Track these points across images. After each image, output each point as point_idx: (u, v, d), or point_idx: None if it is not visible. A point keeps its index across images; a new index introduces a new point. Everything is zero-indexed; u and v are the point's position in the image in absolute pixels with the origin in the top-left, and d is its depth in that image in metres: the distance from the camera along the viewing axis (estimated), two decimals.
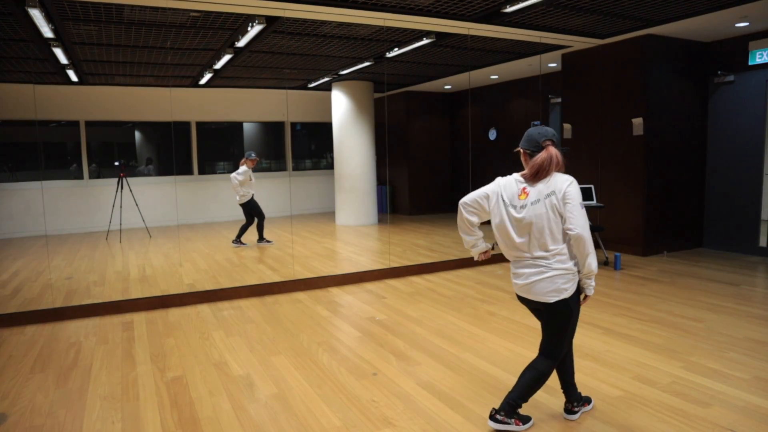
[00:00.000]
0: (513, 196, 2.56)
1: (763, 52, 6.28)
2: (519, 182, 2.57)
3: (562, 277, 2.47)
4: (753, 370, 3.29)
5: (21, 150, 10.20)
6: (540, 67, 8.38)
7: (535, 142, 2.56)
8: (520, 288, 2.60)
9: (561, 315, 2.52)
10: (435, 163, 11.83)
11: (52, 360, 3.76)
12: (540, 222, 2.47)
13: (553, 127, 9.26)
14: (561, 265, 2.47)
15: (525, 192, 2.53)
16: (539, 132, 2.57)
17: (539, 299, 2.52)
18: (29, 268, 6.81)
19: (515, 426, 2.59)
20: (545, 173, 2.50)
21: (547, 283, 2.48)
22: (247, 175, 7.83)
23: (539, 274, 2.50)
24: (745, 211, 6.70)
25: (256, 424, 2.78)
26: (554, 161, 2.49)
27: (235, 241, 8.13)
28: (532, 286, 2.52)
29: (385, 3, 5.11)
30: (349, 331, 4.25)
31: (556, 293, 2.48)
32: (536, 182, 2.51)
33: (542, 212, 2.46)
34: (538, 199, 2.48)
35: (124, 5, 4.86)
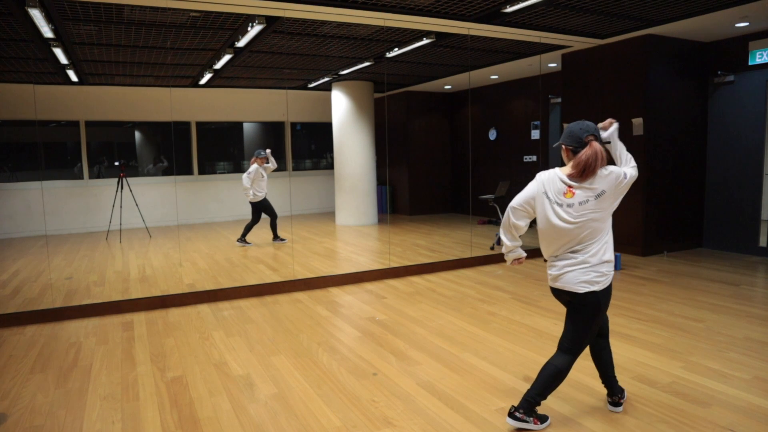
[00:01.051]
0: (558, 193, 2.53)
1: (763, 52, 6.28)
2: (564, 180, 2.53)
3: (595, 270, 2.48)
4: (753, 370, 3.29)
5: (21, 150, 10.21)
6: (540, 67, 8.38)
7: (578, 137, 2.52)
8: (553, 278, 2.59)
9: (589, 307, 2.51)
10: (435, 163, 11.83)
11: (52, 360, 3.76)
12: (586, 221, 2.47)
13: (553, 127, 9.27)
14: (597, 260, 2.48)
15: (572, 191, 2.50)
16: (581, 127, 2.54)
17: (569, 288, 2.51)
18: (29, 268, 6.81)
19: (533, 425, 2.59)
20: (592, 171, 2.47)
21: (580, 274, 2.49)
22: (258, 173, 7.84)
23: (573, 265, 2.50)
24: (745, 211, 6.70)
25: (256, 424, 2.78)
26: (599, 157, 2.47)
27: (240, 239, 8.15)
28: (564, 275, 2.52)
29: (385, 3, 5.11)
30: (349, 331, 4.25)
31: (588, 284, 2.48)
32: (583, 181, 2.49)
33: (589, 212, 2.46)
34: (587, 199, 2.47)
35: (124, 5, 4.86)
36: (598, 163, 2.47)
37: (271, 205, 8.08)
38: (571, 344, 2.57)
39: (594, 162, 2.46)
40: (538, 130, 9.55)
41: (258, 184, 7.87)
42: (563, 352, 2.59)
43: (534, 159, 9.67)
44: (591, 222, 2.47)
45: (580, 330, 2.55)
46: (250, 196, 7.86)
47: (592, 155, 2.46)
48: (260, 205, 7.97)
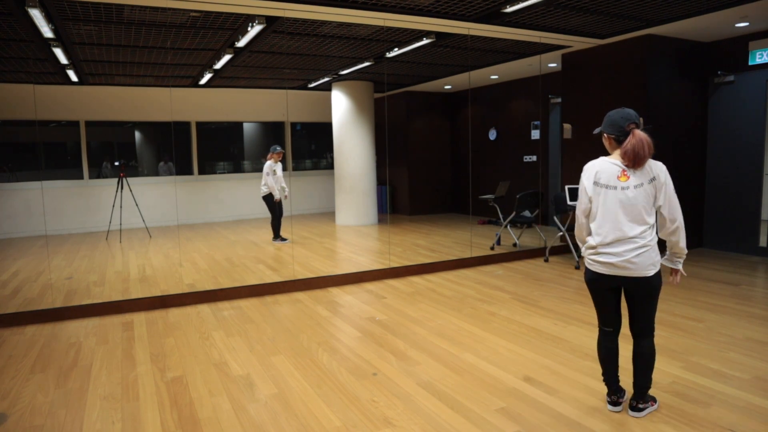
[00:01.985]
0: (611, 177, 2.60)
1: (763, 52, 6.28)
2: (616, 165, 2.60)
3: (653, 251, 2.58)
4: (753, 370, 3.29)
5: (21, 150, 10.21)
6: (540, 67, 8.39)
7: (619, 126, 2.59)
8: (612, 266, 2.60)
9: (656, 287, 2.61)
10: (435, 163, 11.83)
11: (52, 360, 3.76)
12: (641, 203, 2.54)
13: (553, 128, 9.27)
14: (653, 242, 2.57)
15: (625, 174, 2.57)
16: (621, 116, 2.60)
17: (639, 274, 2.56)
18: (29, 268, 6.81)
19: (651, 406, 2.77)
20: (642, 159, 2.53)
21: (645, 258, 2.55)
22: (271, 169, 7.88)
23: (637, 250, 2.55)
24: (745, 211, 6.70)
25: (256, 424, 2.78)
26: (645, 143, 2.52)
27: (274, 239, 8.25)
28: (633, 262, 2.56)
29: (385, 3, 5.11)
30: (349, 331, 4.25)
31: (653, 266, 2.57)
32: (635, 168, 2.56)
33: (644, 195, 2.54)
34: (641, 183, 2.55)
35: (124, 5, 4.86)
36: (647, 150, 2.52)
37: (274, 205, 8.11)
38: (649, 325, 2.68)
39: (642, 149, 2.51)
40: (538, 130, 9.55)
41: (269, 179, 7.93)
42: (641, 337, 2.69)
43: (534, 159, 9.67)
44: (644, 202, 2.54)
45: (652, 309, 2.66)
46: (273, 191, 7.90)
47: (638, 143, 2.51)
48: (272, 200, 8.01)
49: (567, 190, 6.34)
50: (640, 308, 2.66)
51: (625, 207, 2.56)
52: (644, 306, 2.65)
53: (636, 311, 2.68)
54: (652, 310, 2.66)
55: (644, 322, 2.68)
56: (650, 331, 2.69)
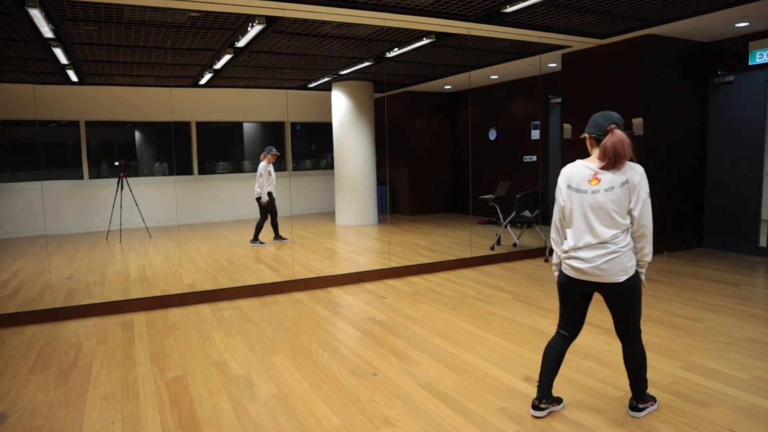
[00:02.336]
0: (582, 180, 2.58)
1: (763, 52, 6.28)
2: (589, 168, 2.58)
3: (625, 256, 2.53)
4: (753, 370, 3.29)
5: (21, 150, 10.21)
6: (540, 67, 8.38)
7: (600, 126, 2.57)
8: (583, 272, 2.58)
9: (632, 292, 2.57)
10: (435, 163, 11.83)
11: (52, 360, 3.76)
12: (611, 207, 2.51)
13: (553, 128, 9.26)
14: (626, 247, 2.53)
15: (597, 178, 2.54)
16: (604, 116, 2.58)
17: (609, 280, 2.54)
18: (29, 268, 6.81)
19: (651, 406, 2.77)
20: (620, 159, 2.50)
21: (615, 264, 2.52)
22: (265, 170, 7.88)
23: (607, 256, 2.52)
24: (745, 211, 6.70)
25: (256, 424, 2.78)
26: (625, 143, 2.49)
27: (275, 238, 8.26)
28: (600, 268, 2.53)
29: (385, 3, 5.11)
30: (349, 331, 4.25)
31: (624, 272, 2.53)
32: (613, 169, 2.52)
33: (614, 199, 2.50)
34: (612, 187, 2.51)
35: (124, 5, 4.86)
36: (626, 150, 2.49)
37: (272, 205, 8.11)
38: (634, 329, 2.65)
39: (621, 148, 2.48)
40: (538, 130, 9.55)
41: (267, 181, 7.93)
42: (632, 340, 2.67)
43: (534, 159, 9.67)
44: (614, 206, 2.50)
45: (635, 314, 2.63)
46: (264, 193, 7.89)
47: (617, 141, 2.49)
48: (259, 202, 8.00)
49: None
50: (620, 314, 2.65)
51: (595, 211, 2.53)
52: (624, 311, 2.64)
53: (617, 317, 2.67)
54: (633, 314, 2.63)
55: (627, 326, 2.66)
56: (635, 334, 2.67)
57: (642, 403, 2.74)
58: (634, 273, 2.56)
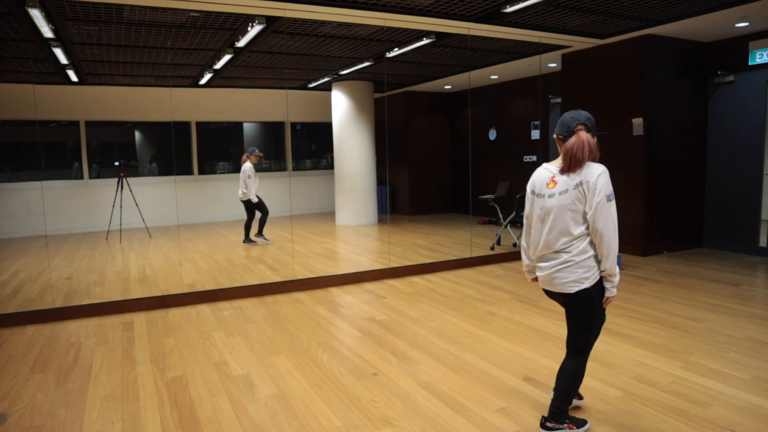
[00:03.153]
0: (542, 184, 2.48)
1: (763, 52, 6.28)
2: (549, 170, 2.47)
3: (580, 267, 2.38)
4: (753, 370, 3.29)
5: (21, 150, 10.20)
6: (540, 67, 8.38)
7: (567, 126, 2.43)
8: (542, 280, 2.54)
9: (583, 306, 2.43)
10: (435, 163, 11.83)
11: (52, 360, 3.76)
12: (563, 212, 2.38)
13: (553, 128, 9.24)
14: (581, 256, 2.38)
15: (554, 181, 2.42)
16: (572, 116, 2.43)
17: (560, 290, 2.45)
18: (29, 268, 6.81)
19: (569, 430, 2.54)
20: (578, 162, 2.35)
21: (567, 273, 2.40)
22: (253, 171, 7.91)
23: (559, 265, 2.42)
24: (745, 211, 6.70)
25: (256, 424, 2.78)
26: (586, 146, 2.34)
27: (245, 240, 8.22)
28: (553, 276, 2.45)
29: (385, 3, 5.11)
30: (349, 331, 4.25)
31: (577, 283, 2.39)
32: (569, 172, 2.38)
33: (567, 203, 2.37)
34: (566, 189, 2.37)
35: (124, 5, 4.86)
36: (586, 154, 2.34)
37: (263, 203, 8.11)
38: (578, 344, 2.52)
39: (580, 151, 2.34)
40: (538, 130, 9.55)
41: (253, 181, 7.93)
42: (573, 354, 2.54)
43: (534, 159, 9.67)
44: (566, 211, 2.37)
45: (583, 329, 2.49)
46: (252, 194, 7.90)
47: (577, 144, 2.35)
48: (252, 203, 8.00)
49: None
50: (570, 324, 2.55)
51: (549, 217, 2.42)
52: (572, 323, 2.53)
53: (568, 326, 2.57)
54: (582, 329, 2.49)
55: (572, 339, 2.54)
56: (578, 349, 2.52)
57: (553, 424, 2.51)
58: (591, 285, 2.39)
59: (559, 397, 2.52)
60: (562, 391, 2.52)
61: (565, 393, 2.51)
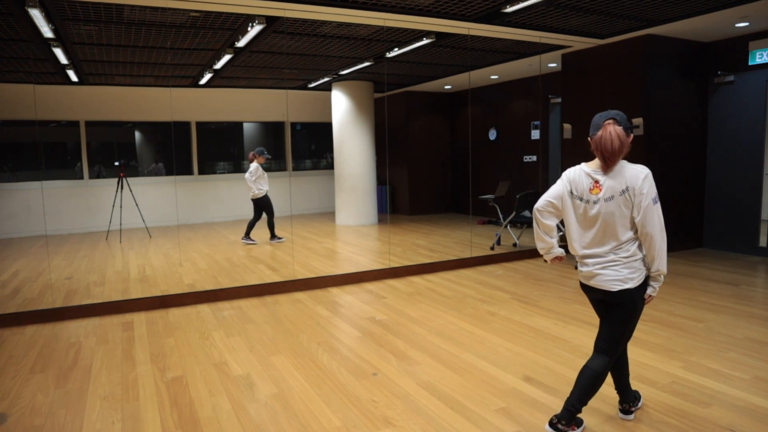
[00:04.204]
0: (584, 190, 2.46)
1: (763, 52, 6.28)
2: (591, 175, 2.45)
3: (626, 267, 2.39)
4: (753, 370, 3.29)
5: (21, 150, 10.20)
6: (540, 67, 8.38)
7: (596, 125, 2.43)
8: (585, 275, 2.51)
9: (624, 306, 2.42)
10: (435, 163, 11.83)
11: (52, 360, 3.76)
12: (611, 218, 2.39)
13: (553, 128, 9.26)
14: (626, 255, 2.39)
15: (598, 186, 2.41)
16: (601, 115, 2.45)
17: (602, 287, 2.43)
18: (29, 268, 6.81)
19: (573, 430, 2.49)
20: (611, 155, 2.35)
21: (612, 272, 2.40)
22: (259, 170, 7.98)
23: (604, 263, 2.42)
24: (745, 211, 6.70)
25: (256, 424, 2.78)
26: (615, 138, 2.34)
27: (244, 237, 8.27)
28: (597, 273, 2.44)
29: (385, 3, 5.11)
30: (349, 331, 4.25)
31: (621, 282, 2.39)
32: (608, 171, 2.39)
33: (614, 209, 2.37)
34: (611, 196, 2.38)
35: (124, 5, 4.86)
36: (616, 145, 2.34)
37: (271, 203, 8.17)
38: (609, 345, 2.49)
39: (609, 143, 2.34)
40: (538, 130, 9.55)
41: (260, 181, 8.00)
42: (600, 353, 2.50)
43: (534, 159, 9.67)
44: (614, 217, 2.38)
45: (618, 330, 2.47)
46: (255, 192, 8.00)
47: (605, 136, 2.36)
48: (261, 202, 8.06)
49: None
50: (606, 323, 2.52)
51: (596, 221, 2.42)
52: (608, 322, 2.50)
53: (601, 325, 2.55)
54: (616, 329, 2.47)
55: (603, 338, 2.51)
56: (606, 350, 2.49)
57: (564, 426, 2.47)
58: (634, 287, 2.39)
59: (576, 396, 2.47)
60: (581, 390, 2.47)
61: (584, 393, 2.47)
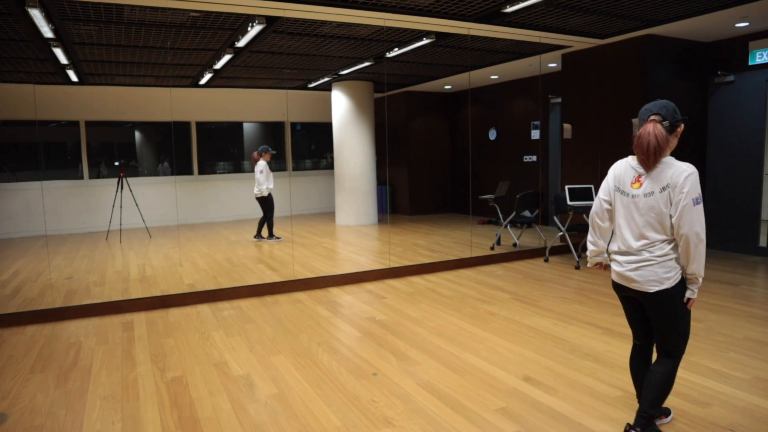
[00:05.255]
0: (626, 183, 2.40)
1: (763, 52, 6.28)
2: (634, 168, 2.38)
3: (661, 267, 2.31)
4: (753, 370, 3.29)
5: (21, 150, 10.21)
6: (540, 67, 8.38)
7: (641, 119, 2.35)
8: (619, 275, 2.45)
9: (663, 307, 2.35)
10: (435, 163, 11.84)
11: (52, 360, 3.76)
12: (649, 214, 2.31)
13: (553, 128, 9.27)
14: (660, 254, 2.31)
15: (639, 180, 2.34)
16: (647, 107, 2.36)
17: (638, 288, 2.36)
18: (29, 268, 6.81)
19: None
20: (648, 154, 2.27)
21: (647, 272, 2.33)
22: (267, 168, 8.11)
23: (639, 262, 2.35)
24: (745, 211, 6.70)
25: (256, 424, 2.78)
26: (652, 138, 2.25)
27: (256, 236, 8.41)
28: (632, 273, 2.37)
29: (385, 3, 5.11)
30: (349, 331, 4.25)
31: (657, 283, 2.31)
32: (650, 168, 2.31)
33: (653, 205, 2.30)
34: (651, 192, 2.30)
35: (124, 5, 4.86)
36: (653, 146, 2.26)
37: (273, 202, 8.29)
38: (667, 346, 2.43)
39: (645, 143, 2.27)
40: (538, 130, 9.55)
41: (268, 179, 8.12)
42: (663, 356, 2.44)
43: (534, 159, 9.67)
44: (652, 213, 2.31)
45: (669, 331, 2.39)
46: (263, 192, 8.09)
47: (643, 136, 2.29)
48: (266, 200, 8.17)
49: (567, 190, 6.34)
50: (655, 325, 2.44)
51: (633, 216, 2.35)
52: (658, 324, 2.42)
53: (653, 327, 2.46)
54: (669, 330, 2.38)
55: (660, 340, 2.44)
56: (667, 352, 2.42)
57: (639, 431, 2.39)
58: (672, 286, 2.30)
59: (649, 401, 2.39)
60: (653, 394, 2.39)
61: (656, 397, 2.39)
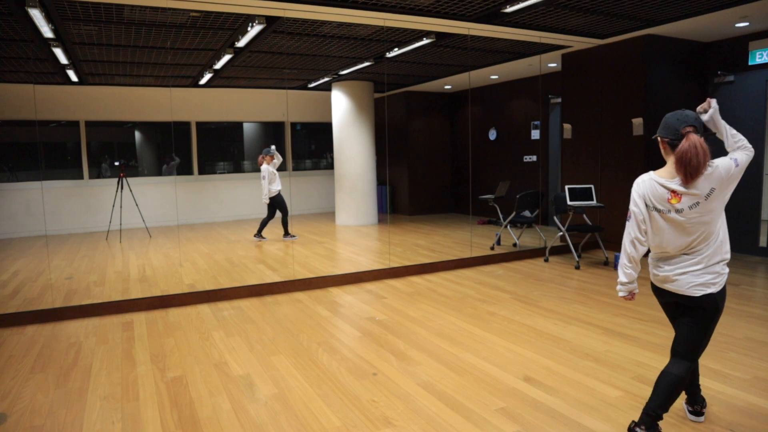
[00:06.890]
0: (662, 199, 2.33)
1: (763, 52, 6.28)
2: (665, 185, 2.32)
3: (710, 272, 2.30)
4: (753, 370, 3.29)
5: (21, 150, 10.21)
6: (540, 67, 8.39)
7: (674, 129, 2.31)
8: (663, 279, 2.42)
9: (706, 311, 2.33)
10: (435, 163, 11.84)
11: (52, 360, 3.76)
12: (698, 223, 2.28)
13: (553, 128, 9.27)
14: (711, 260, 2.30)
15: (676, 195, 2.29)
16: (677, 117, 2.31)
17: (684, 292, 2.34)
18: (29, 268, 6.81)
19: None
20: (695, 170, 2.22)
21: (694, 276, 2.31)
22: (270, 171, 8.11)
23: (686, 267, 2.33)
24: (745, 211, 6.70)
25: (256, 424, 2.78)
26: (700, 152, 2.21)
27: (256, 235, 8.45)
28: (678, 278, 2.35)
29: (385, 3, 5.11)
30: (349, 331, 4.25)
31: (703, 287, 2.30)
32: (689, 183, 2.25)
33: (704, 211, 2.27)
34: (696, 203, 2.26)
35: (124, 5, 4.86)
36: (701, 159, 2.22)
37: (284, 202, 8.33)
38: (689, 349, 2.40)
39: (695, 158, 2.21)
40: (538, 130, 9.55)
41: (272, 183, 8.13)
42: (680, 358, 2.42)
43: (534, 159, 9.67)
44: (703, 225, 2.28)
45: (699, 335, 2.38)
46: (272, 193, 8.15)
47: (690, 149, 2.22)
48: (275, 201, 8.21)
49: (567, 190, 6.34)
50: (684, 327, 2.43)
51: (681, 228, 2.30)
52: (688, 327, 2.40)
53: (679, 330, 2.46)
54: (697, 334, 2.37)
55: (682, 342, 2.43)
56: (684, 354, 2.40)
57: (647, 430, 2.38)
58: (717, 291, 2.31)
59: (657, 401, 2.38)
60: (662, 396, 2.38)
61: (666, 398, 2.38)
